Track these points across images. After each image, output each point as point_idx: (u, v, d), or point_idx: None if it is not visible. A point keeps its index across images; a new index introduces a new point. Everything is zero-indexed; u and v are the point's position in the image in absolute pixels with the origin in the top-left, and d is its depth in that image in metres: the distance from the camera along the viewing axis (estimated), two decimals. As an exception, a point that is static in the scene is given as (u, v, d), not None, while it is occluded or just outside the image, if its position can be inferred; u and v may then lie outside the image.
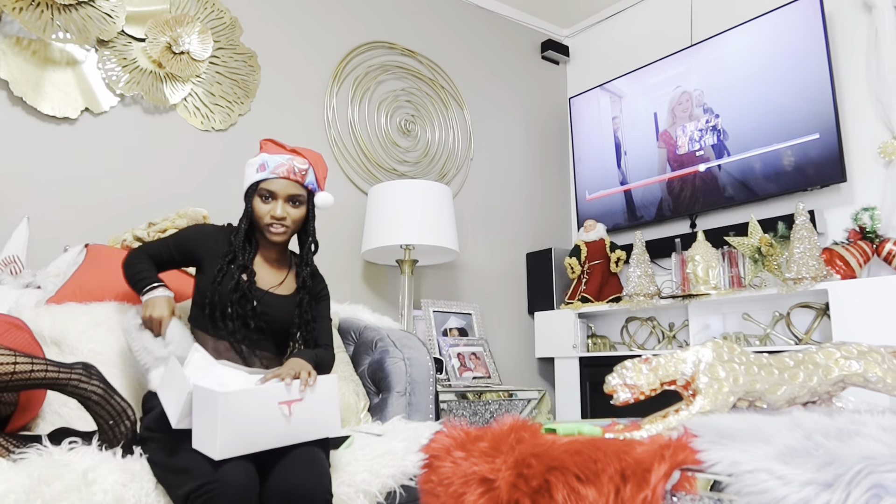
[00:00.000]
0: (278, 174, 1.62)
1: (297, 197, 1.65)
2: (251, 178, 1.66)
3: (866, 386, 1.12)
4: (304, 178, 1.65)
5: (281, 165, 1.63)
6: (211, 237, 1.69)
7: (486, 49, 3.79)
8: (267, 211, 1.63)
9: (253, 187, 1.65)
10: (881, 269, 2.65)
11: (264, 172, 1.63)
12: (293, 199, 1.65)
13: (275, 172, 1.63)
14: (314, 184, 1.68)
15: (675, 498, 0.83)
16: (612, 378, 1.04)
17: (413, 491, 1.52)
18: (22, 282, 2.08)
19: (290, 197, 1.64)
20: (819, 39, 2.83)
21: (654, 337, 3.37)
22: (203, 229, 1.72)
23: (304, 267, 1.72)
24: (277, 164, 1.63)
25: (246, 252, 1.66)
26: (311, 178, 1.67)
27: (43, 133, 2.38)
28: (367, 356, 2.25)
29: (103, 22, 2.47)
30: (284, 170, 1.63)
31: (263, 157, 1.65)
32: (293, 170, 1.64)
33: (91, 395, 1.36)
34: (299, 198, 1.66)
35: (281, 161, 1.64)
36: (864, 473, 0.69)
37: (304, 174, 1.65)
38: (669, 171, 3.37)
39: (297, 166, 1.64)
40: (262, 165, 1.64)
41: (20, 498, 1.09)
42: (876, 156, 2.77)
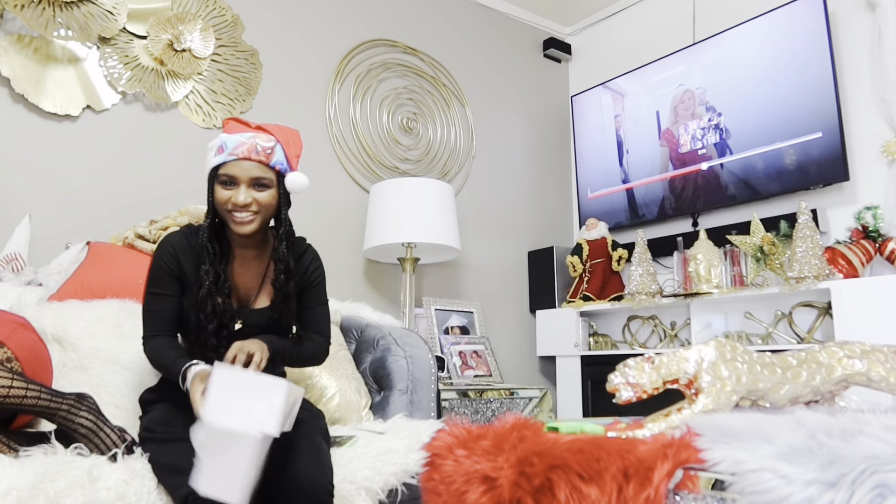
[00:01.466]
0: (238, 155, 1.41)
1: (261, 180, 1.44)
2: (210, 162, 1.45)
3: (869, 385, 1.12)
4: (270, 158, 1.43)
5: (241, 145, 1.42)
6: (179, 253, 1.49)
7: (488, 47, 3.79)
8: (228, 197, 1.43)
9: (213, 173, 1.44)
10: (884, 269, 2.64)
11: (223, 154, 1.42)
12: (258, 182, 1.43)
13: (234, 153, 1.41)
14: (283, 163, 1.46)
15: (677, 497, 0.83)
16: (614, 376, 1.04)
17: (415, 489, 1.52)
18: (24, 279, 2.08)
19: (253, 180, 1.43)
20: (822, 37, 2.82)
21: (656, 336, 3.36)
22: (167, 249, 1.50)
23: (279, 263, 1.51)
24: (237, 143, 1.42)
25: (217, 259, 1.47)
26: (278, 158, 1.45)
27: (44, 131, 2.38)
28: (369, 354, 2.25)
29: (105, 19, 2.47)
30: (245, 149, 1.41)
31: (222, 137, 1.43)
32: (255, 149, 1.42)
33: (78, 427, 1.33)
34: (265, 180, 1.44)
35: (241, 140, 1.42)
36: (868, 473, 0.69)
37: (269, 153, 1.43)
38: (671, 170, 3.36)
39: (261, 144, 1.43)
40: (221, 147, 1.43)
41: (23, 495, 1.09)
42: (879, 154, 2.76)
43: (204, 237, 1.46)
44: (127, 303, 1.98)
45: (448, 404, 2.66)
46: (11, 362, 1.37)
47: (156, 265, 1.49)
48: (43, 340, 1.59)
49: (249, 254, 1.55)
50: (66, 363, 1.73)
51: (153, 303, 1.49)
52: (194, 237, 1.49)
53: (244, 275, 1.54)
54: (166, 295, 1.48)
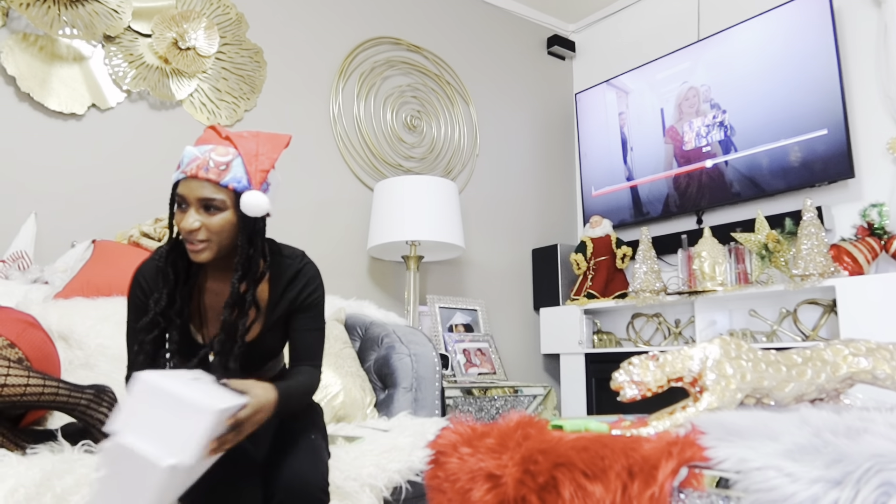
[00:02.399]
0: (187, 172, 1.22)
1: (211, 201, 1.23)
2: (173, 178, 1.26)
3: (874, 383, 1.11)
4: (223, 175, 1.21)
5: (193, 160, 1.22)
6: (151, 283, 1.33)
7: (491, 45, 3.78)
8: (179, 220, 1.25)
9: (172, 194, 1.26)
10: (889, 266, 2.63)
11: (178, 171, 1.24)
12: (206, 203, 1.23)
13: (185, 171, 1.23)
14: (241, 181, 1.23)
15: (682, 495, 0.83)
16: (618, 374, 1.04)
17: (419, 486, 1.52)
18: (30, 277, 2.09)
19: (202, 202, 1.23)
20: (828, 34, 2.81)
21: (660, 333, 3.36)
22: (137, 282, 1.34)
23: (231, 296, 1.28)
24: (190, 158, 1.23)
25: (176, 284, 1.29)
26: (234, 174, 1.22)
27: (50, 129, 2.39)
28: (374, 352, 2.25)
29: (110, 18, 2.48)
30: (195, 166, 1.21)
31: (183, 152, 1.25)
32: (206, 165, 1.21)
33: (97, 422, 1.34)
34: (215, 202, 1.23)
35: (195, 154, 1.23)
36: (873, 471, 0.69)
37: (222, 169, 1.21)
38: (676, 167, 3.35)
39: (214, 159, 1.22)
40: (179, 164, 1.25)
41: (30, 492, 1.10)
42: (884, 152, 2.75)
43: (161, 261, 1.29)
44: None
45: (452, 402, 2.66)
46: (23, 362, 1.37)
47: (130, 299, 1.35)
48: (51, 338, 1.60)
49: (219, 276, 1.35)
50: (72, 360, 1.74)
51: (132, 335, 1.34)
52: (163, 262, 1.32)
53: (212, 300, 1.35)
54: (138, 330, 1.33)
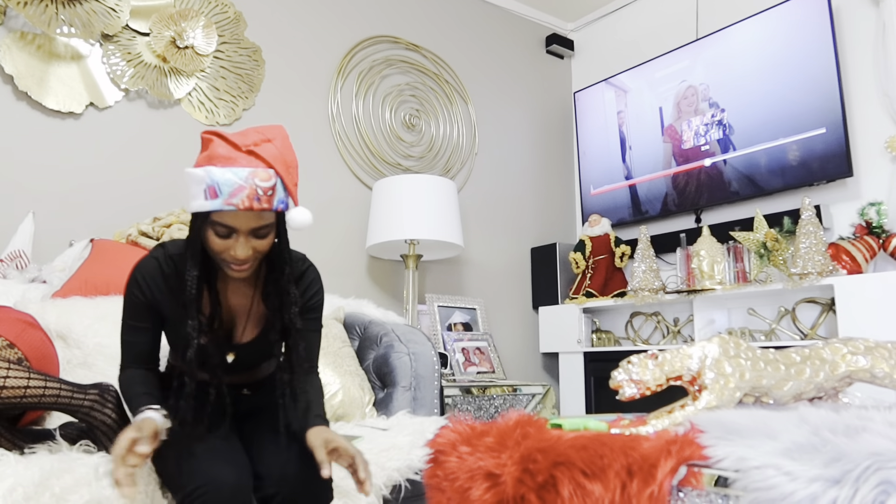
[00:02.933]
0: (237, 205, 1.17)
1: (262, 229, 1.24)
2: (198, 205, 1.19)
3: (873, 381, 1.12)
4: (272, 201, 1.21)
5: (240, 190, 1.17)
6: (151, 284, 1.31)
7: (490, 43, 3.78)
8: (225, 247, 1.23)
9: (203, 216, 1.22)
10: (887, 264, 2.64)
11: (217, 201, 1.17)
12: (258, 231, 1.24)
13: (231, 202, 1.17)
14: (283, 201, 1.23)
15: (681, 493, 0.83)
16: (617, 373, 1.04)
17: (418, 485, 1.52)
18: (28, 276, 2.08)
19: (254, 230, 1.23)
20: (826, 33, 2.81)
21: (659, 332, 3.36)
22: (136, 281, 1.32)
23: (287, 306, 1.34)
24: (234, 187, 1.17)
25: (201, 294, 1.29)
26: (279, 197, 1.22)
27: (48, 128, 2.39)
28: (372, 351, 2.25)
29: (107, 16, 2.47)
30: (244, 197, 1.17)
31: (212, 174, 1.17)
32: (255, 195, 1.18)
33: (101, 424, 1.33)
34: (267, 228, 1.25)
35: (238, 183, 1.17)
36: (872, 469, 0.69)
37: (270, 195, 1.20)
38: (674, 166, 3.36)
39: (260, 186, 1.18)
40: (213, 189, 1.17)
41: (29, 491, 1.09)
42: (883, 150, 2.75)
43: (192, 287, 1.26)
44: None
45: (451, 401, 2.66)
46: (22, 363, 1.37)
47: (127, 297, 1.33)
48: (50, 338, 1.60)
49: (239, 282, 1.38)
50: (71, 360, 1.74)
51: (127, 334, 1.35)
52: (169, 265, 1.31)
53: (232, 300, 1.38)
54: (141, 328, 1.34)
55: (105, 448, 1.32)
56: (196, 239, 1.25)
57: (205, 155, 1.22)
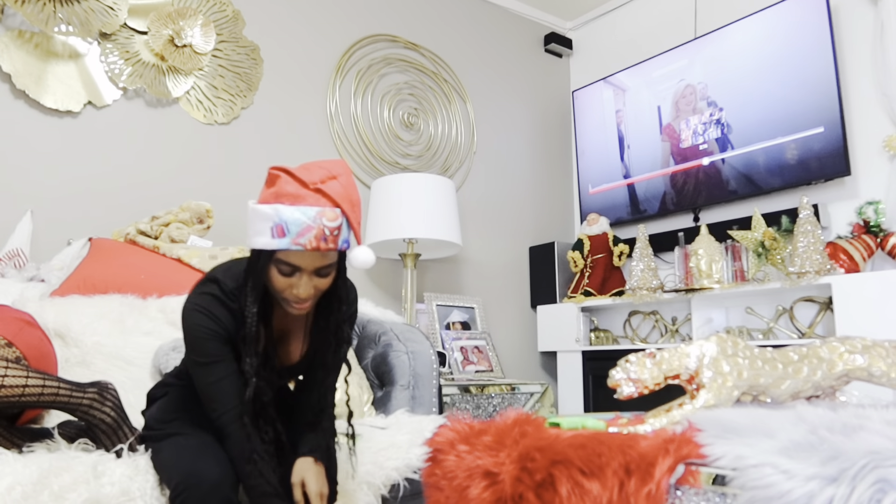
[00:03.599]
0: (305, 245, 1.16)
1: (327, 267, 1.23)
2: (264, 242, 1.17)
3: (870, 380, 1.12)
4: (338, 240, 1.20)
5: (307, 230, 1.16)
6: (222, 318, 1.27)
7: (489, 42, 3.78)
8: (288, 285, 1.22)
9: (268, 254, 1.20)
10: (885, 264, 2.64)
11: (284, 240, 1.16)
12: (322, 269, 1.23)
13: (299, 242, 1.16)
14: (347, 241, 1.23)
15: (679, 492, 0.83)
16: (615, 372, 1.04)
17: (417, 484, 1.52)
18: (26, 275, 2.08)
19: (318, 269, 1.22)
20: (824, 32, 2.81)
21: (657, 331, 3.37)
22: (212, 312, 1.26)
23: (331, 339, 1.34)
24: (302, 227, 1.16)
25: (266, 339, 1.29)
26: (343, 236, 1.21)
27: (46, 126, 2.38)
28: (371, 350, 2.25)
29: (105, 15, 2.47)
30: (313, 237, 1.16)
31: (280, 213, 1.16)
32: (322, 236, 1.17)
33: (100, 423, 1.32)
34: (330, 267, 1.24)
35: (306, 223, 1.16)
36: (869, 468, 0.69)
37: (336, 235, 1.19)
38: (673, 165, 3.36)
39: (328, 226, 1.17)
40: (280, 228, 1.16)
41: (27, 490, 1.09)
42: (881, 149, 2.76)
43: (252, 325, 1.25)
44: (129, 298, 1.99)
45: (449, 400, 2.66)
46: (21, 361, 1.37)
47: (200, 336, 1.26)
48: (48, 336, 1.60)
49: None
50: (69, 358, 1.74)
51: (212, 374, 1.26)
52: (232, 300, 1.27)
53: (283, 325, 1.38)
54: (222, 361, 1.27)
55: (104, 446, 1.33)
56: (257, 275, 1.23)
57: (272, 192, 1.19)
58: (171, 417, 1.35)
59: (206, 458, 1.23)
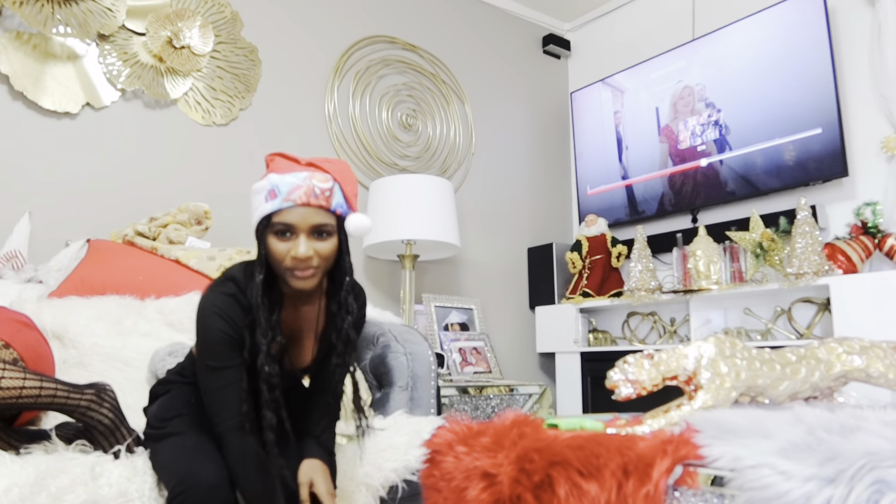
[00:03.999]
0: (295, 200, 1.20)
1: (323, 227, 1.23)
2: (260, 210, 1.23)
3: (868, 381, 1.12)
4: (330, 201, 1.23)
5: (297, 188, 1.21)
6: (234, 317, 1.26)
7: (487, 43, 3.78)
8: (286, 251, 1.22)
9: (264, 221, 1.23)
10: (883, 264, 2.64)
11: (275, 201, 1.21)
12: (319, 230, 1.23)
13: (290, 199, 1.20)
14: (343, 205, 1.26)
15: (677, 493, 0.83)
16: (613, 373, 1.04)
17: (415, 485, 1.52)
18: (24, 276, 2.08)
19: (314, 228, 1.22)
20: (822, 34, 2.82)
21: (656, 332, 3.37)
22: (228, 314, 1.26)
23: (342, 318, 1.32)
24: (291, 186, 1.21)
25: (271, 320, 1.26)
26: (338, 199, 1.25)
27: (44, 128, 2.38)
28: (369, 351, 2.25)
29: (104, 16, 2.47)
30: (302, 193, 1.21)
31: (272, 179, 1.22)
32: (313, 192, 1.21)
33: (97, 424, 1.32)
34: (326, 227, 1.24)
35: (296, 182, 1.21)
36: (866, 469, 0.69)
37: (328, 196, 1.23)
38: (671, 166, 3.36)
39: (318, 185, 1.22)
40: (272, 191, 1.21)
41: (25, 492, 1.09)
42: (878, 151, 2.76)
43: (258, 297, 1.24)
44: (127, 299, 1.98)
45: (448, 401, 2.66)
46: (18, 363, 1.36)
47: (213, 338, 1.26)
48: (45, 338, 1.59)
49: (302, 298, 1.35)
50: (67, 360, 1.73)
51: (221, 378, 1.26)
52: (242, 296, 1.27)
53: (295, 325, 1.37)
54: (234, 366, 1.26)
55: (102, 448, 1.32)
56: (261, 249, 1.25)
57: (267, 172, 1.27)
58: (171, 416, 1.35)
59: (204, 458, 1.23)
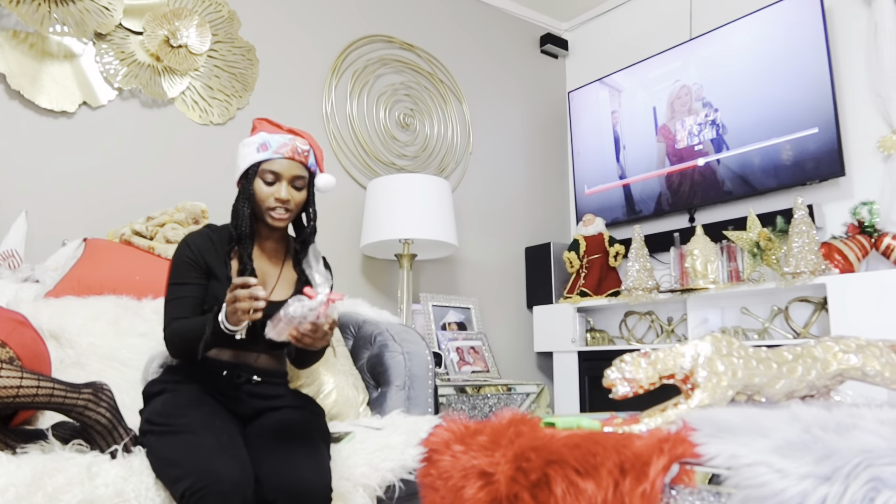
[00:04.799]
0: (282, 154, 1.55)
1: (300, 178, 1.58)
2: (251, 158, 1.56)
3: (864, 380, 1.12)
4: (307, 160, 1.58)
5: (284, 145, 1.55)
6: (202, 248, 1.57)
7: (484, 43, 3.78)
8: (270, 193, 1.55)
9: (254, 169, 1.56)
10: (879, 264, 2.65)
11: (266, 152, 1.55)
12: (296, 180, 1.57)
13: (278, 152, 1.55)
14: (314, 165, 1.61)
15: (673, 491, 0.84)
16: (610, 372, 1.04)
17: (412, 485, 1.52)
18: (20, 276, 2.07)
19: (293, 178, 1.57)
20: (818, 33, 2.82)
21: (653, 331, 3.37)
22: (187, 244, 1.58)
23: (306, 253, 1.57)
24: (280, 143, 1.55)
25: (246, 247, 1.57)
26: (311, 160, 1.60)
27: (41, 127, 2.37)
28: (366, 350, 2.25)
29: (101, 15, 2.46)
30: (288, 150, 1.55)
31: (263, 136, 1.56)
32: (296, 150, 1.56)
33: (95, 423, 1.32)
34: (302, 179, 1.58)
35: (284, 141, 1.56)
36: (862, 466, 0.69)
37: (306, 155, 1.58)
38: (668, 166, 3.37)
39: (300, 147, 1.57)
40: (264, 145, 1.55)
41: (21, 491, 1.09)
42: (875, 150, 2.77)
43: (245, 226, 1.56)
44: (124, 299, 1.98)
45: (445, 400, 2.66)
46: (14, 362, 1.36)
47: (176, 259, 1.56)
48: (41, 337, 1.59)
49: (270, 245, 1.66)
50: (64, 360, 1.73)
51: (174, 293, 1.53)
52: (217, 234, 1.61)
53: (264, 266, 1.63)
54: (188, 283, 1.53)
55: (99, 448, 1.32)
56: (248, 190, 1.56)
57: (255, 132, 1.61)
58: (180, 413, 1.35)
59: (226, 456, 1.23)
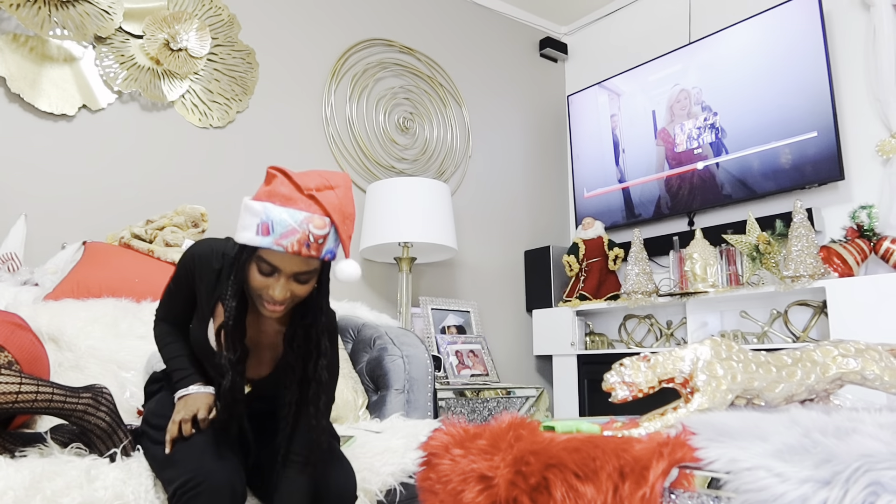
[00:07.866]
0: (286, 248, 1.16)
1: (305, 273, 1.22)
2: (248, 238, 1.18)
3: (864, 384, 1.12)
4: (321, 249, 1.19)
5: (291, 233, 1.16)
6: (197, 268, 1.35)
7: (484, 47, 3.79)
8: (265, 285, 1.22)
9: (250, 250, 1.21)
10: (878, 267, 2.65)
11: (267, 238, 1.16)
12: (300, 275, 1.22)
13: (282, 243, 1.16)
14: (333, 251, 1.23)
15: (673, 495, 0.84)
16: (610, 376, 1.04)
17: (412, 488, 1.52)
18: (20, 279, 2.08)
19: (296, 274, 1.22)
20: (817, 37, 2.83)
21: (652, 335, 3.37)
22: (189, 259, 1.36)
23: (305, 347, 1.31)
24: (287, 229, 1.16)
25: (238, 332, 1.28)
26: (329, 245, 1.21)
27: (41, 130, 2.38)
28: (366, 354, 2.25)
29: (101, 18, 2.47)
30: (296, 241, 1.16)
31: (269, 210, 1.17)
32: (306, 241, 1.17)
33: (94, 428, 1.32)
34: (309, 274, 1.23)
35: (292, 226, 1.16)
36: (861, 471, 0.69)
37: (320, 244, 1.19)
38: (668, 169, 3.37)
39: (314, 233, 1.17)
40: (266, 227, 1.16)
41: (20, 495, 1.09)
42: (874, 154, 2.77)
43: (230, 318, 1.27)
44: (123, 302, 1.98)
45: (445, 404, 2.66)
46: (13, 366, 1.36)
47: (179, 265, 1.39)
48: (40, 340, 1.59)
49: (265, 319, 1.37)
50: (62, 363, 1.73)
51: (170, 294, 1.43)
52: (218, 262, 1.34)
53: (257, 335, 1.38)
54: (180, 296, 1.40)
55: (99, 451, 1.32)
56: (239, 269, 1.25)
57: (266, 190, 1.21)
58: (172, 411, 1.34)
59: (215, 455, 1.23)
